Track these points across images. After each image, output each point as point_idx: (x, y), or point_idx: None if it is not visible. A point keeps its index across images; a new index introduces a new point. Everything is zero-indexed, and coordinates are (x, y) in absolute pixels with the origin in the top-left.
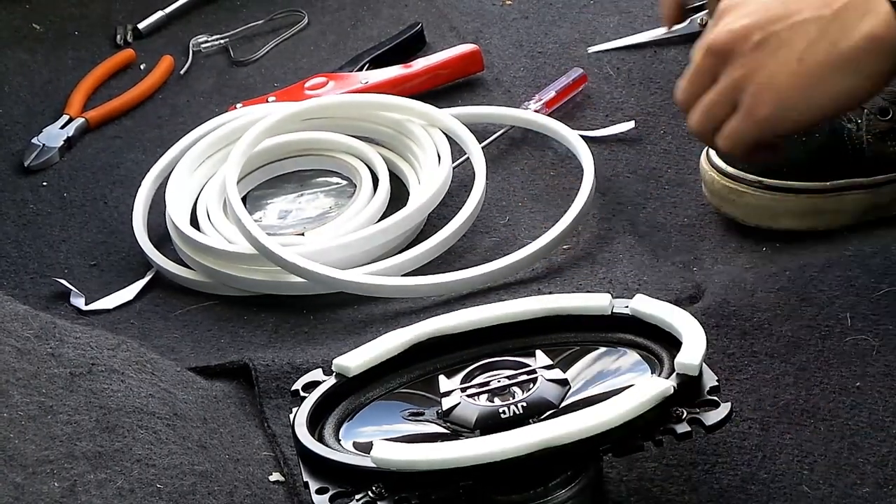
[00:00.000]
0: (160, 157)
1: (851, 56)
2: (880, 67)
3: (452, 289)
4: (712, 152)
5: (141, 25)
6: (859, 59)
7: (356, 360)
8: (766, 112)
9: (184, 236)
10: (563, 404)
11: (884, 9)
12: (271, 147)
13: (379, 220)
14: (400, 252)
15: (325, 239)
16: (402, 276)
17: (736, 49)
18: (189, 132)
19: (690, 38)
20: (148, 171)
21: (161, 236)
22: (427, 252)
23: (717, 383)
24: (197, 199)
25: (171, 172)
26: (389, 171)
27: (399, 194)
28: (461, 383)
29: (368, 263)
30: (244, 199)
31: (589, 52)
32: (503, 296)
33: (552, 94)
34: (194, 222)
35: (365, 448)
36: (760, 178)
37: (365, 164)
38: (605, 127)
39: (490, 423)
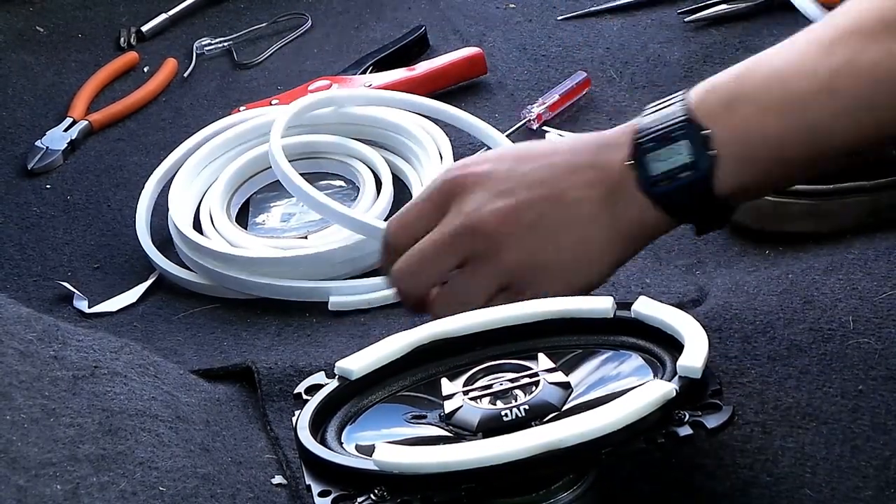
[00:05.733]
0: (163, 159)
1: (627, 237)
2: (647, 242)
3: None
4: None
5: (144, 28)
6: (633, 239)
7: (359, 363)
8: (556, 290)
9: (186, 240)
10: (566, 407)
11: (639, 197)
12: None
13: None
14: None
15: (329, 242)
16: None
17: (504, 232)
18: (192, 135)
19: (693, 41)
20: (151, 173)
21: (165, 239)
22: None
23: (719, 386)
24: (200, 202)
25: (174, 175)
26: (392, 172)
27: (402, 196)
28: (463, 386)
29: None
30: (247, 203)
31: (558, 19)
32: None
33: (556, 97)
34: (197, 226)
35: (367, 451)
36: None
37: (367, 166)
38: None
39: (492, 426)
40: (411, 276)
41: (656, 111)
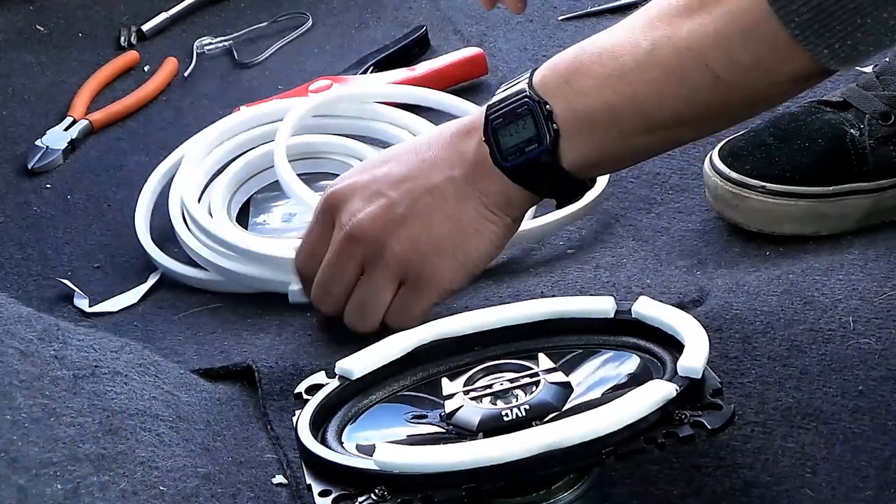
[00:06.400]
0: (164, 159)
1: (495, 209)
2: (518, 212)
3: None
4: (716, 157)
5: (145, 27)
6: (502, 210)
7: (359, 363)
8: (445, 273)
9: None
10: (566, 407)
11: (496, 172)
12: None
13: None
14: None
15: None
16: None
17: (384, 230)
18: (194, 135)
19: None
20: (152, 173)
21: (164, 238)
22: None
23: (719, 386)
24: (200, 198)
25: (174, 173)
26: None
27: None
28: (464, 386)
29: None
30: (247, 202)
31: (559, 19)
32: (506, 299)
33: None
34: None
35: (368, 451)
36: (764, 184)
37: None
38: None
39: (493, 426)
40: (325, 299)
41: (505, 90)
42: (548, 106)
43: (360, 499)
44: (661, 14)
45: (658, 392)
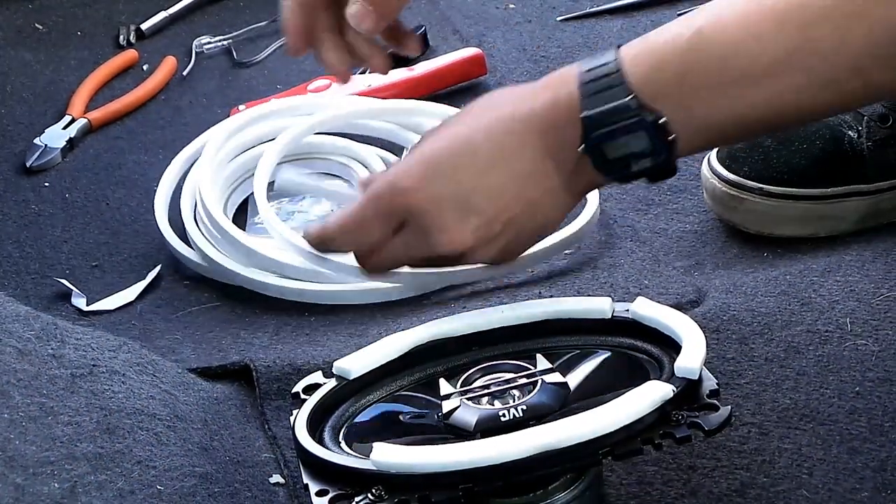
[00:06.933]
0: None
1: (578, 197)
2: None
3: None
4: (714, 159)
5: (144, 26)
6: (581, 196)
7: (357, 363)
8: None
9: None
10: (563, 408)
11: (596, 174)
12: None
13: None
14: None
15: None
16: None
17: (475, 247)
18: (192, 134)
19: None
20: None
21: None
22: None
23: (716, 387)
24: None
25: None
26: None
27: None
28: (461, 386)
29: None
30: (245, 201)
31: (558, 20)
32: (504, 299)
33: None
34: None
35: (365, 450)
36: (761, 185)
37: (364, 167)
38: None
39: (490, 426)
40: (370, 266)
41: (597, 92)
42: (663, 119)
43: (356, 498)
44: (790, 9)
45: (655, 393)
